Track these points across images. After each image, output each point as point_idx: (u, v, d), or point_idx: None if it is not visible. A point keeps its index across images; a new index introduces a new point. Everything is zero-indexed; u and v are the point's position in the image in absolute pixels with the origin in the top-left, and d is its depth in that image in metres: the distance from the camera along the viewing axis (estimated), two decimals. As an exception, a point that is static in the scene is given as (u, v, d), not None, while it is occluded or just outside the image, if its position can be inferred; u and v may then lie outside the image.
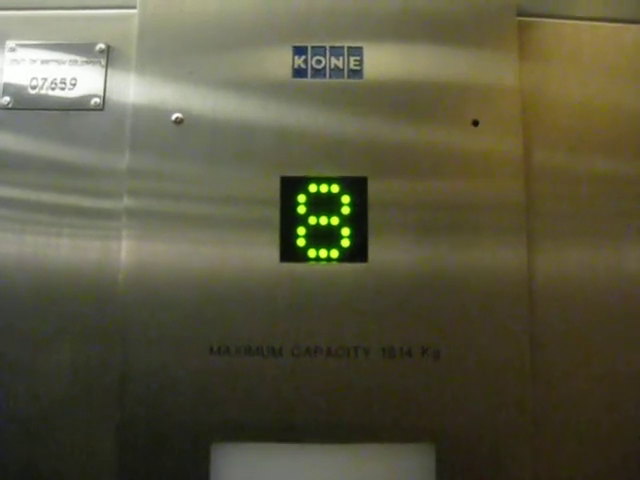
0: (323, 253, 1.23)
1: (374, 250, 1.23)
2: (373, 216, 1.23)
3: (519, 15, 1.31)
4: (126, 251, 1.22)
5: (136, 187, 1.24)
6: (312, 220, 1.24)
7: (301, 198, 1.24)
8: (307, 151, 1.25)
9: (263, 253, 1.22)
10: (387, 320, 1.21)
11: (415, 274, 1.22)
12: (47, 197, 1.25)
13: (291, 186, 1.24)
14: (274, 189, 1.24)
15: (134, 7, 1.29)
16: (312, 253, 1.23)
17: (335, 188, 1.24)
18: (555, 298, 1.24)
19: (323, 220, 1.24)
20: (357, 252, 1.23)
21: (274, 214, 1.23)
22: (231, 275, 1.22)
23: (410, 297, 1.22)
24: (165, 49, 1.28)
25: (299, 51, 1.28)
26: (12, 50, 1.29)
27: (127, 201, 1.24)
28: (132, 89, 1.27)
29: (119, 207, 1.24)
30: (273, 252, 1.22)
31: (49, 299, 1.22)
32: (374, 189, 1.24)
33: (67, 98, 1.28)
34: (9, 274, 1.23)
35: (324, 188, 1.24)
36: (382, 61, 1.28)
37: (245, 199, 1.24)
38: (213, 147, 1.25)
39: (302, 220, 1.24)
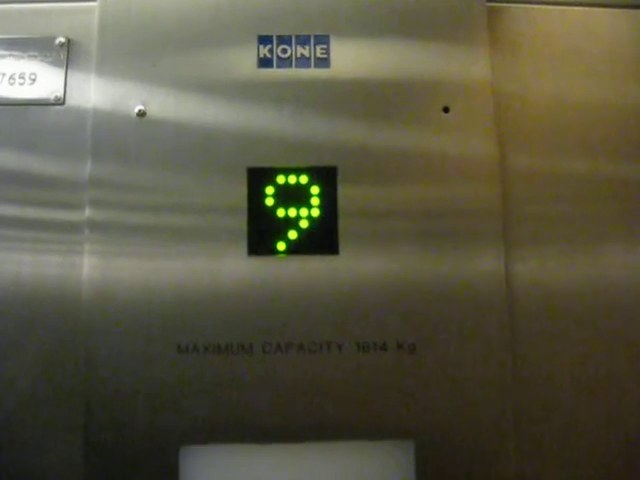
0: (293, 246, 1.19)
1: (345, 244, 1.19)
2: (344, 210, 1.20)
3: (489, 1, 1.29)
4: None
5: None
6: (280, 212, 1.20)
7: (269, 190, 1.20)
8: (274, 143, 1.21)
9: (230, 248, 1.18)
10: (360, 314, 1.17)
11: (388, 268, 1.19)
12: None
13: (258, 177, 1.20)
14: (241, 183, 1.20)
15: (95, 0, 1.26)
16: (281, 246, 1.19)
17: (304, 179, 1.21)
18: (534, 300, 1.22)
19: (292, 212, 1.20)
20: (327, 244, 1.19)
21: (242, 209, 1.19)
22: (199, 273, 1.17)
23: (384, 290, 1.18)
24: (127, 43, 1.24)
25: (264, 40, 1.25)
26: (-32, 46, 1.25)
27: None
28: (93, 84, 1.23)
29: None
30: (240, 246, 1.18)
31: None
32: (345, 182, 1.20)
33: (27, 93, 1.24)
34: None
35: (292, 179, 1.20)
36: (349, 50, 1.25)
37: (211, 198, 1.19)
38: (177, 142, 1.21)
39: (270, 212, 1.20)
